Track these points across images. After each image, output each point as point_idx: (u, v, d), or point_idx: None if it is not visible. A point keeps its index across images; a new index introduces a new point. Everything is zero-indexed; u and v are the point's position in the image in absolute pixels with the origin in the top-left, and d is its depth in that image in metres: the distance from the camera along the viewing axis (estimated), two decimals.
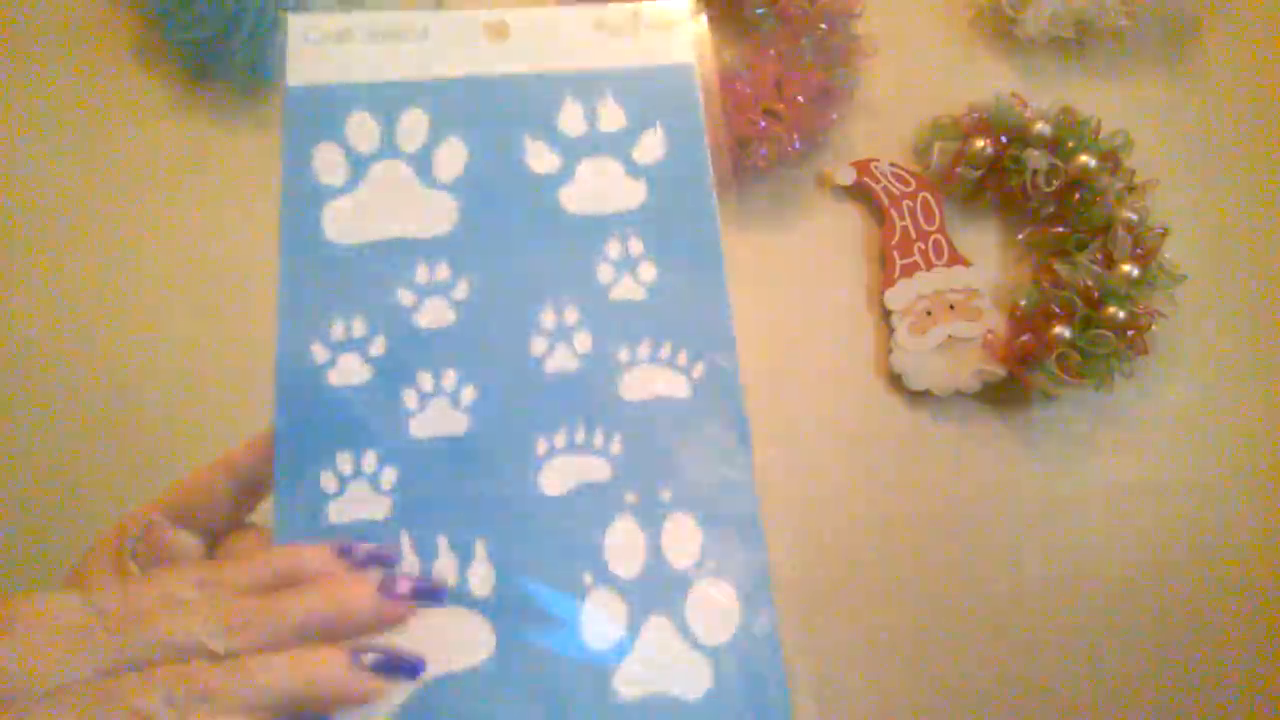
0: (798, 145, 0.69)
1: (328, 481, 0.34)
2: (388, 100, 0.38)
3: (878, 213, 0.72)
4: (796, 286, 0.72)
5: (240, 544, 0.33)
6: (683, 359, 0.37)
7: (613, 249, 0.38)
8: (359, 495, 0.34)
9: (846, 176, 0.72)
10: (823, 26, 0.68)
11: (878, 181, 0.72)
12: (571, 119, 0.39)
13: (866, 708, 0.68)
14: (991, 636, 0.70)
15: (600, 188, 0.38)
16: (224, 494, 0.33)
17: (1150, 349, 0.69)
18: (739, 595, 0.35)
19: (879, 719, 0.68)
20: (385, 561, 0.32)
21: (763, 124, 0.67)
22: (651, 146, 0.39)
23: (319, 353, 0.35)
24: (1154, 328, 0.69)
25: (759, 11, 0.69)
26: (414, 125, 0.38)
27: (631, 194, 0.39)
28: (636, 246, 0.38)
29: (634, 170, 0.39)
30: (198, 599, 0.28)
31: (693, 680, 0.34)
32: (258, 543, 0.33)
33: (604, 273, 0.37)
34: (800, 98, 0.68)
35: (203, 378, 0.65)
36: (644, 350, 0.37)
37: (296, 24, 0.38)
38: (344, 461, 0.34)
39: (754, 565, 0.35)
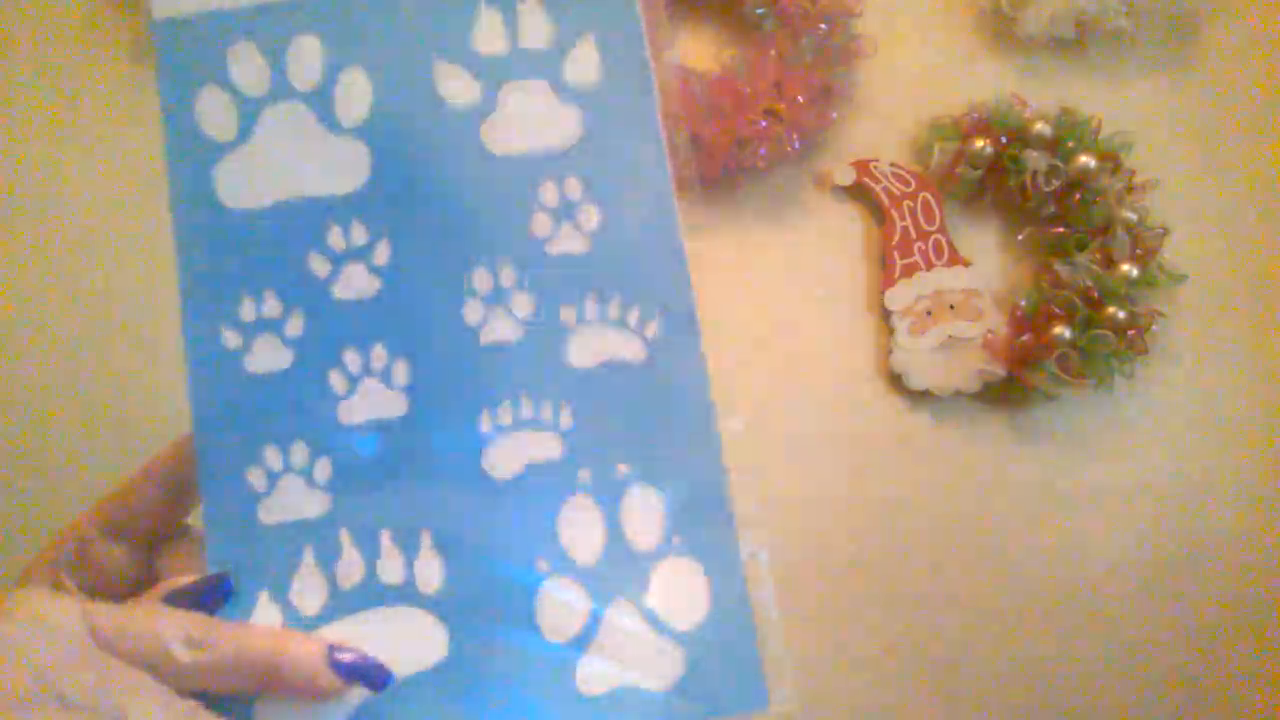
0: (797, 145, 0.69)
1: (255, 479, 0.31)
2: (272, 26, 0.33)
3: (878, 213, 0.72)
4: (797, 286, 0.72)
5: (178, 553, 0.32)
6: (634, 317, 0.33)
7: (548, 194, 0.33)
8: (291, 492, 0.31)
9: (846, 176, 0.72)
10: (823, 26, 0.68)
11: (878, 181, 0.72)
12: (489, 33, 0.34)
13: (867, 706, 0.68)
14: (990, 635, 0.70)
15: (528, 119, 0.33)
16: (153, 502, 0.32)
17: (1150, 349, 0.69)
18: (708, 574, 0.32)
19: (880, 718, 0.68)
20: (371, 678, 0.30)
21: (763, 124, 0.67)
22: (584, 64, 0.34)
23: (230, 337, 0.32)
24: (1154, 328, 0.69)
25: (759, 11, 0.69)
26: (306, 56, 0.33)
27: (565, 125, 0.34)
28: (575, 189, 0.34)
29: (566, 94, 0.34)
30: (184, 658, 0.28)
31: (662, 669, 0.31)
32: (194, 551, 0.32)
33: (540, 223, 0.33)
34: (800, 98, 0.68)
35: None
36: (590, 309, 0.33)
37: None
38: (271, 456, 0.32)
39: (723, 540, 0.32)
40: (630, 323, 0.33)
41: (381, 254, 0.33)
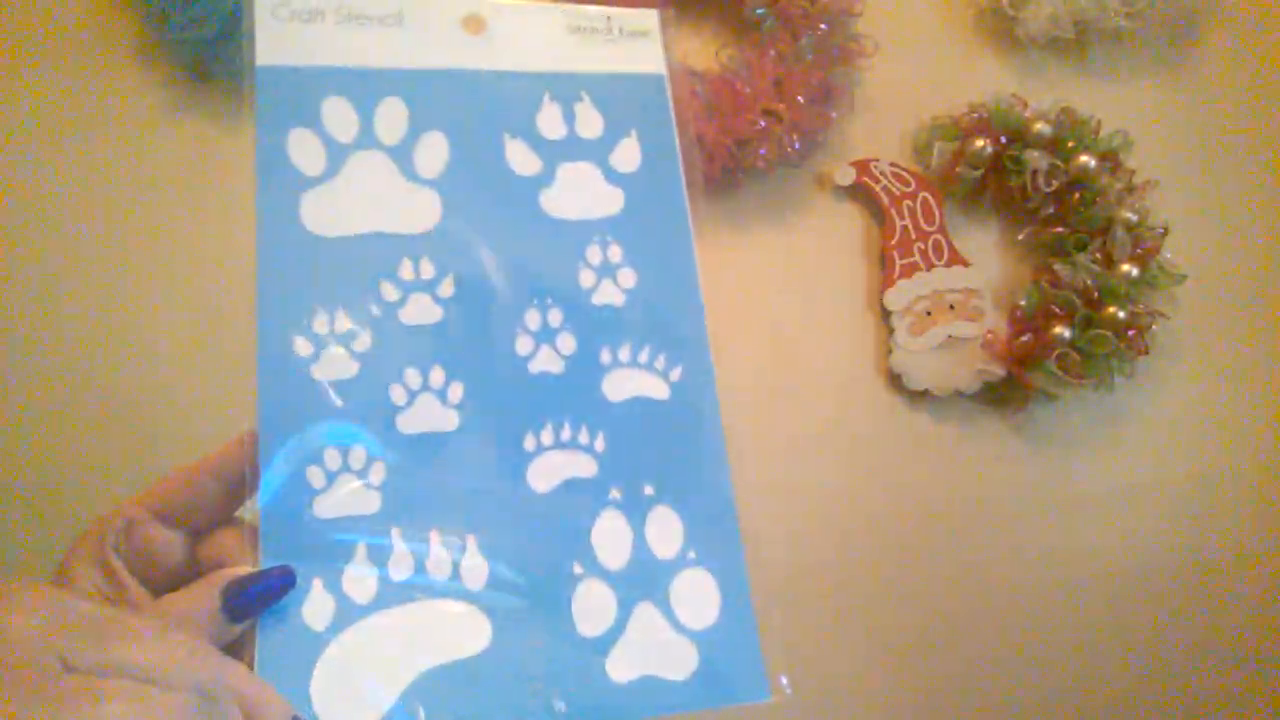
0: (797, 145, 0.69)
1: (314, 476, 0.34)
2: (364, 87, 0.37)
3: (878, 213, 0.72)
4: (796, 286, 0.72)
5: (223, 542, 0.33)
6: (661, 363, 0.38)
7: (593, 255, 0.39)
8: (347, 490, 0.34)
9: (846, 176, 0.72)
10: (823, 26, 0.68)
11: (878, 181, 0.72)
12: (551, 121, 0.39)
13: (866, 706, 0.68)
14: (991, 635, 0.70)
15: (579, 193, 0.39)
16: (207, 494, 0.33)
17: (1150, 349, 0.69)
18: (718, 582, 0.37)
19: (879, 717, 0.68)
20: None
21: (763, 124, 0.67)
22: (628, 155, 0.40)
23: (302, 346, 0.35)
24: (1154, 328, 0.69)
25: (759, 11, 0.69)
26: (393, 116, 0.37)
27: (610, 201, 0.39)
28: (616, 253, 0.39)
29: (612, 177, 0.40)
30: (179, 652, 0.28)
31: (680, 662, 0.35)
32: (242, 540, 0.33)
33: (585, 277, 0.38)
34: (800, 98, 0.68)
35: (209, 377, 0.65)
36: (625, 354, 0.38)
37: (264, 0, 0.37)
38: (331, 457, 0.34)
39: (731, 555, 0.37)
40: (658, 367, 0.38)
41: (446, 287, 0.37)
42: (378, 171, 0.37)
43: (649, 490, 0.37)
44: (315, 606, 0.32)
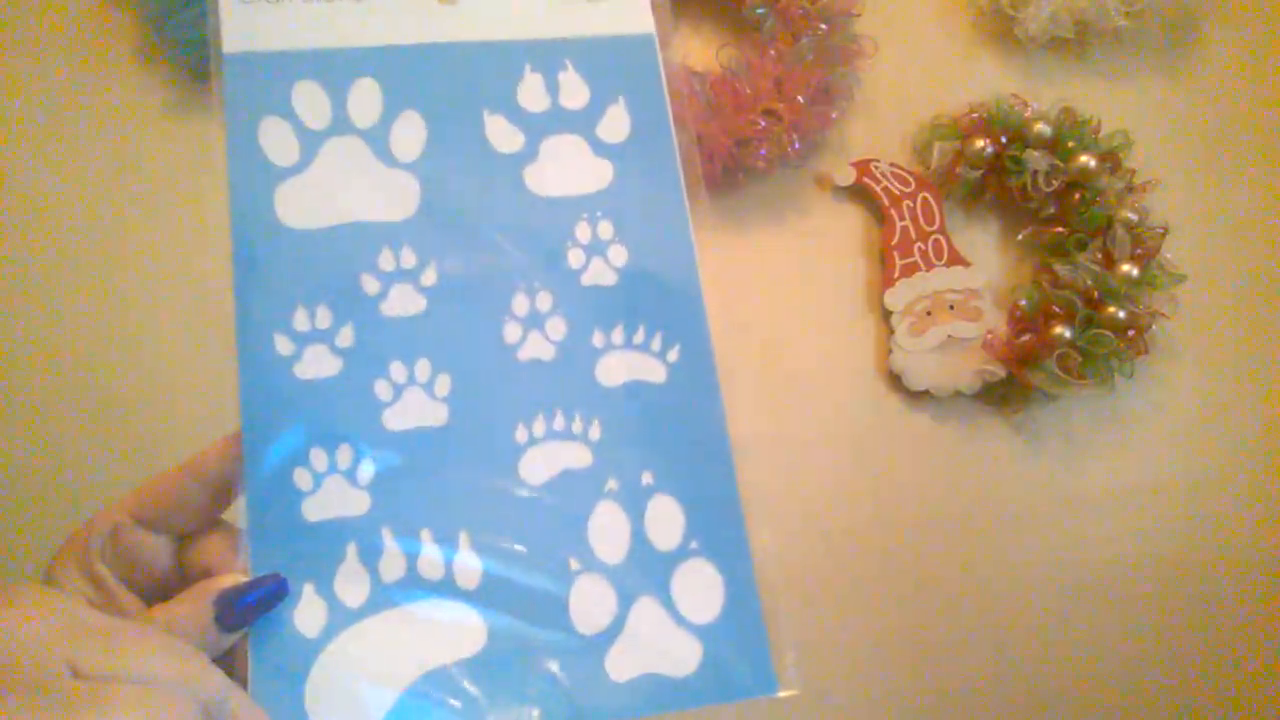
0: (798, 145, 0.69)
1: (301, 479, 0.33)
2: (336, 69, 0.36)
3: (878, 213, 0.72)
4: (796, 286, 0.72)
5: (209, 547, 0.33)
6: (657, 343, 0.37)
7: (582, 233, 0.37)
8: (335, 491, 0.33)
9: (846, 177, 0.72)
10: (823, 26, 0.68)
11: (878, 181, 0.72)
12: (532, 92, 0.37)
13: (865, 707, 0.68)
14: (991, 636, 0.70)
15: (565, 168, 0.37)
16: (192, 498, 0.32)
17: (1150, 349, 0.69)
18: (723, 573, 0.35)
19: (877, 707, 0.68)
20: None
21: (763, 124, 0.67)
22: (616, 124, 0.38)
23: (283, 345, 0.34)
24: (1154, 328, 0.69)
25: (759, 11, 0.69)
26: (366, 98, 0.36)
27: (598, 174, 0.37)
28: (606, 230, 0.37)
29: (599, 149, 0.38)
30: (188, 664, 0.28)
31: (682, 658, 0.34)
32: (228, 544, 0.32)
33: (574, 257, 0.37)
34: (800, 98, 0.68)
35: (208, 378, 0.65)
36: (618, 336, 0.36)
37: None
38: (317, 457, 0.33)
39: (735, 543, 0.35)
40: (654, 348, 0.36)
41: (429, 276, 0.35)
42: (353, 157, 0.36)
43: (647, 479, 0.35)
44: (307, 612, 0.32)
